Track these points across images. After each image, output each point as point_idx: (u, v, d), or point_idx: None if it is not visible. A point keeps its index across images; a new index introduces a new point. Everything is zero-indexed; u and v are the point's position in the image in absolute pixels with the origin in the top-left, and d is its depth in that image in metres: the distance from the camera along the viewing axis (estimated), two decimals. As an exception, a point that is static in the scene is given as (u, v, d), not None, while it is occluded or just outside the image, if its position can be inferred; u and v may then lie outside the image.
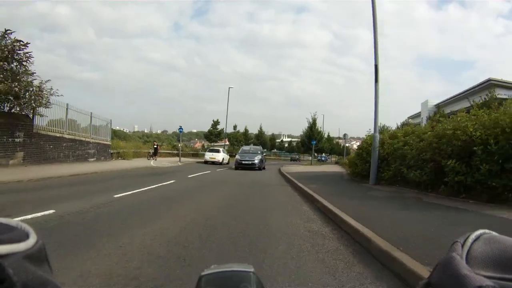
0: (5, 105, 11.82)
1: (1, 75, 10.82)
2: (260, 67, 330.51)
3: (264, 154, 22.99)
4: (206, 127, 47.79)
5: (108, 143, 20.10)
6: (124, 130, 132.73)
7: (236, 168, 19.33)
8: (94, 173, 11.75)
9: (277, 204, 6.46)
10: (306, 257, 3.06)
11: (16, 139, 12.03)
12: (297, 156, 59.66)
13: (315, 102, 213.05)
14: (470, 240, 0.32)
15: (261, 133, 59.73)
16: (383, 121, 30.73)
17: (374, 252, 3.10)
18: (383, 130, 20.02)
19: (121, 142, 25.67)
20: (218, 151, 27.25)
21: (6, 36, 11.79)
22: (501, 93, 26.39)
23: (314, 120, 36.36)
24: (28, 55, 11.88)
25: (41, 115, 13.14)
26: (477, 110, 6.89)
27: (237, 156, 21.07)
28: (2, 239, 0.28)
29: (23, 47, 11.76)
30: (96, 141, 18.33)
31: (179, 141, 31.08)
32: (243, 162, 19.73)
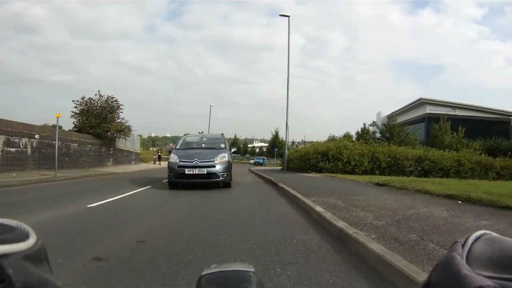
0: (108, 134, 22.18)
1: (109, 120, 21.32)
2: (233, 70, 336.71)
3: (234, 151, 13.67)
4: (180, 131, 54.06)
5: (138, 151, 30.66)
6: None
7: (173, 185, 9.31)
8: (148, 169, 22.27)
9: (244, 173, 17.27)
10: (255, 191, 13.89)
11: (110, 151, 22.51)
12: (261, 161, 59.18)
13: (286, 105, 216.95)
14: (470, 240, 0.33)
15: (236, 139, 70.35)
16: (352, 126, 39.91)
17: (278, 189, 13.98)
18: (290, 147, 30.56)
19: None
20: None
21: (101, 95, 22.09)
22: (432, 109, 33.81)
23: (277, 133, 48.27)
24: (118, 104, 22.21)
25: (119, 138, 23.62)
26: (327, 141, 18.31)
27: (173, 157, 9.57)
28: (2, 239, 0.28)
29: (115, 101, 22.17)
30: (135, 150, 28.88)
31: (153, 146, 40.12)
32: (186, 169, 9.07)
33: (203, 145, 10.77)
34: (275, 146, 44.28)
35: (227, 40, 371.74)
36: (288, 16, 20.97)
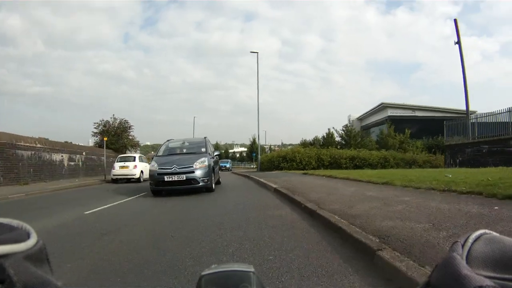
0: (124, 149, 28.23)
1: (123, 138, 27.52)
2: (210, 76, 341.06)
3: (217, 154, 12.31)
4: (161, 139, 56.90)
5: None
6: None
7: (156, 193, 9.45)
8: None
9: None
10: (237, 181, 20.46)
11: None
12: (227, 165, 55.62)
13: (266, 109, 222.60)
14: (470, 240, 0.33)
15: (217, 145, 76.39)
16: (330, 126, 40.38)
17: (260, 184, 20.58)
18: (263, 152, 36.93)
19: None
20: (132, 159, 17.88)
21: (115, 118, 28.29)
22: (393, 112, 36.41)
23: (254, 140, 55.01)
24: (129, 125, 28.45)
25: (130, 151, 29.73)
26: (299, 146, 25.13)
27: (153, 165, 9.67)
28: (3, 239, 0.29)
29: (126, 123, 28.39)
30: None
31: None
32: (165, 176, 9.09)
33: (185, 150, 10.62)
34: (253, 151, 51.12)
35: (203, 46, 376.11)
36: (257, 53, 27.75)
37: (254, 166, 43.69)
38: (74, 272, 2.87)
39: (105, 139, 18.78)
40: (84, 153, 20.31)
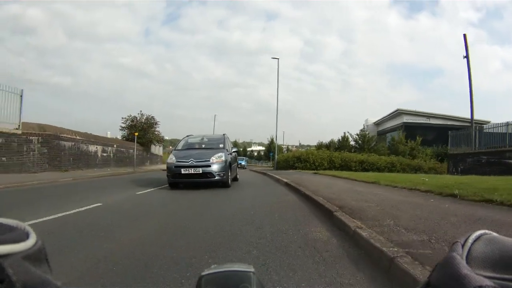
0: (150, 143, 30.59)
1: (150, 134, 29.85)
2: (231, 74, 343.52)
3: (235, 151, 12.23)
4: (180, 134, 58.36)
5: (161, 155, 39.24)
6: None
7: (173, 185, 9.72)
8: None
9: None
10: (255, 177, 22.37)
11: (147, 155, 31.00)
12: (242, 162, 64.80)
13: (285, 108, 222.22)
14: (470, 240, 0.33)
15: (235, 143, 78.46)
16: (348, 129, 43.06)
17: (274, 179, 22.43)
18: (280, 152, 38.52)
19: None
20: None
21: (142, 114, 30.62)
22: (408, 119, 37.12)
23: (272, 139, 56.67)
24: (156, 121, 30.75)
25: (155, 146, 32.07)
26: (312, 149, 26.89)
27: (171, 157, 10.07)
28: (2, 239, 0.29)
29: (152, 120, 30.70)
30: (160, 154, 37.45)
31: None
32: (182, 169, 9.40)
33: (203, 146, 10.91)
34: (271, 151, 53.02)
35: (224, 44, 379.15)
36: (278, 59, 29.58)
37: (271, 165, 45.73)
38: (143, 228, 4.83)
39: (136, 134, 20.99)
40: (115, 146, 22.61)
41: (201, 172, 9.30)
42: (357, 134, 36.83)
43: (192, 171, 9.31)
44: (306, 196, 6.73)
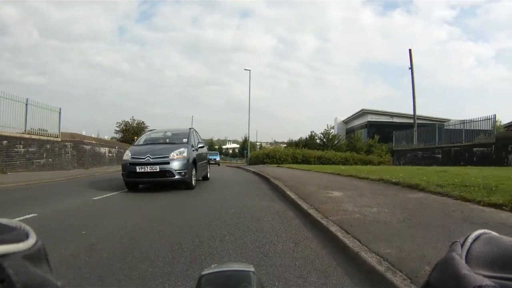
0: None
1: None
2: (205, 72, 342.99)
3: (201, 146, 10.50)
4: None
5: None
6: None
7: (130, 186, 8.65)
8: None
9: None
10: (231, 170, 27.48)
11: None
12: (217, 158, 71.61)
13: (259, 105, 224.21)
14: (469, 240, 0.33)
15: (211, 142, 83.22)
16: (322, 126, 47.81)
17: (245, 170, 27.62)
18: (253, 147, 44.54)
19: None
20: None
21: (134, 119, 35.16)
22: (373, 118, 40.39)
23: (246, 138, 61.88)
24: (145, 126, 35.23)
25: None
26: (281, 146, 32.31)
27: (127, 154, 8.92)
28: (2, 239, 0.29)
29: (143, 125, 35.24)
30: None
31: None
32: (137, 167, 8.25)
33: (167, 141, 9.76)
34: (245, 148, 58.27)
35: (198, 41, 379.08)
36: (250, 70, 34.74)
37: (245, 161, 51.17)
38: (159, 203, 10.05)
39: (135, 138, 25.67)
40: (116, 147, 27.19)
41: (158, 170, 8.22)
42: (322, 133, 42.36)
43: (148, 169, 8.21)
44: (262, 176, 12.07)
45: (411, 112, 26.90)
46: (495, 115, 17.80)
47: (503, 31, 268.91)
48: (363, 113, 43.17)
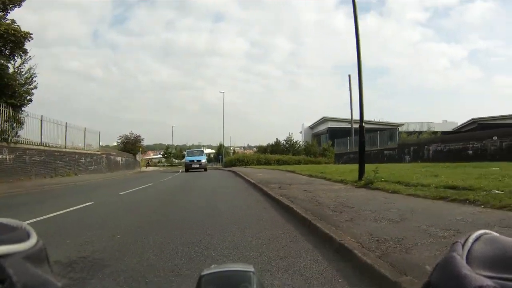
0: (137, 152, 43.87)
1: (137, 147, 43.22)
2: (178, 76, 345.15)
3: (205, 157, 33.64)
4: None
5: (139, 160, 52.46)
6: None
7: (187, 170, 29.92)
8: (152, 171, 44.38)
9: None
10: (212, 171, 36.79)
11: (134, 162, 44.37)
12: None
13: (233, 109, 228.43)
14: (470, 240, 0.33)
15: (185, 147, 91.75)
16: (296, 129, 55.99)
17: (222, 170, 36.95)
18: (227, 153, 54.36)
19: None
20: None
21: (132, 133, 43.86)
22: (333, 124, 44.72)
23: (221, 144, 71.08)
24: (141, 138, 44.13)
25: (139, 155, 45.40)
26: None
27: (186, 158, 33.37)
28: (3, 239, 0.29)
29: (139, 138, 44.06)
30: (140, 161, 50.69)
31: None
32: (192, 164, 30.21)
33: (196, 153, 31.89)
34: (220, 154, 67.58)
35: (172, 45, 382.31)
36: (223, 92, 44.36)
37: (220, 165, 60.72)
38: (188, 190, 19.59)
39: (140, 149, 34.72)
40: (125, 156, 36.07)
41: (198, 166, 28.89)
42: (285, 140, 51.83)
43: (195, 164, 28.89)
44: (234, 172, 21.72)
45: (372, 118, 34.54)
46: (398, 127, 27.49)
47: (475, 32, 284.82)
48: (324, 120, 48.49)
